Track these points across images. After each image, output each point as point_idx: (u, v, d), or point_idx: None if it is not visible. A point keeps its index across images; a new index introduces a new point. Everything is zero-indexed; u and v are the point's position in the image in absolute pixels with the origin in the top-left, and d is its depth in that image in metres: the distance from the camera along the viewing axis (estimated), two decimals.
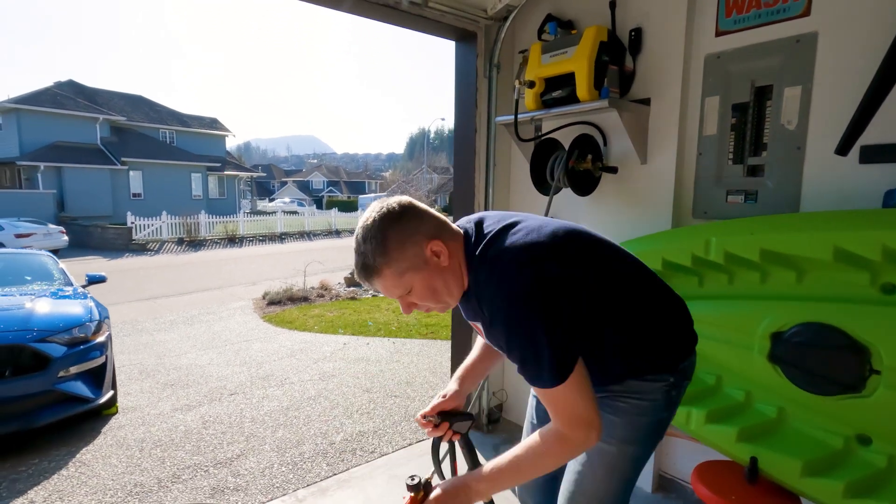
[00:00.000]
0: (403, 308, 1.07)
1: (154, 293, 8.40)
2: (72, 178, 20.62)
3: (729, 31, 1.85)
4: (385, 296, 1.11)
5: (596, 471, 1.14)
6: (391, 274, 1.00)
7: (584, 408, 0.94)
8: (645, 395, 1.12)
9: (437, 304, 1.07)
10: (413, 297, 1.05)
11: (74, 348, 3.03)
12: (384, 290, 1.03)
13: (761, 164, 1.82)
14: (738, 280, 1.68)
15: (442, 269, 1.03)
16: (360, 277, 1.03)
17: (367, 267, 1.00)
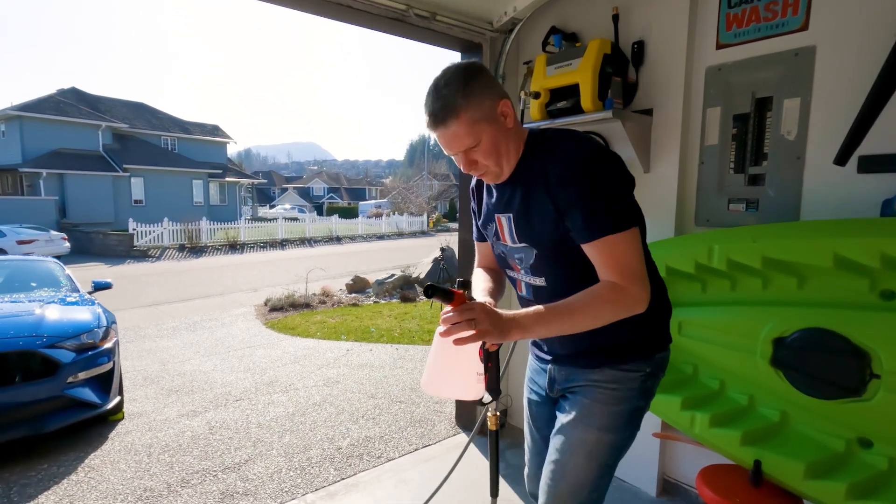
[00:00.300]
0: (465, 165, 1.10)
1: (156, 299, 8.42)
2: (74, 184, 20.70)
3: (729, 43, 1.90)
4: (448, 150, 1.07)
5: (577, 458, 1.18)
6: (467, 120, 1.02)
7: (641, 264, 1.05)
8: (621, 385, 1.19)
9: (496, 166, 1.11)
10: (478, 152, 1.08)
11: (83, 354, 3.06)
12: (454, 137, 1.05)
13: (762, 174, 1.86)
14: (741, 286, 1.72)
15: (507, 130, 1.10)
16: (435, 122, 1.04)
17: (447, 108, 1.02)
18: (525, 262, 1.19)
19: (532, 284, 1.22)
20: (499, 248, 1.28)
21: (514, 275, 1.28)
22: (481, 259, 1.43)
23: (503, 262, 1.30)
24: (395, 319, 6.50)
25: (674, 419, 1.81)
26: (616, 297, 1.03)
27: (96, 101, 25.22)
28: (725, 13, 1.90)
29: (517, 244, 1.18)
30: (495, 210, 1.22)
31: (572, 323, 1.04)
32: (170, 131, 26.92)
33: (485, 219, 1.30)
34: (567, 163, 1.05)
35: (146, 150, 24.45)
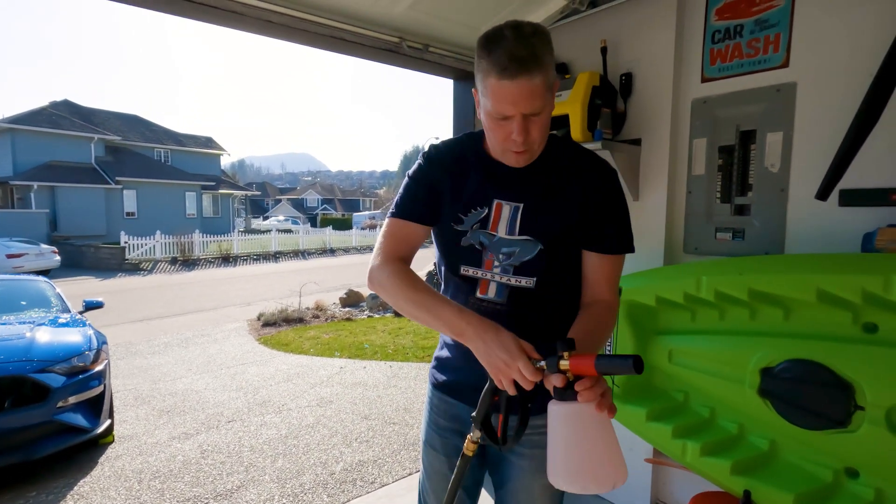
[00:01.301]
0: (520, 132, 0.96)
1: (148, 314, 8.36)
2: (65, 197, 20.58)
3: (714, 77, 1.96)
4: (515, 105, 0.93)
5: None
6: (545, 78, 0.93)
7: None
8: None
9: (539, 146, 1.03)
10: (537, 122, 0.97)
11: (73, 378, 3.04)
12: (533, 91, 0.92)
13: (748, 204, 1.91)
14: (729, 316, 1.75)
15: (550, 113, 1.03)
16: (518, 67, 0.90)
17: (536, 57, 0.90)
18: (515, 259, 1.07)
19: (510, 285, 1.08)
20: (474, 238, 1.09)
21: (476, 272, 1.10)
22: (403, 247, 1.11)
23: (468, 256, 1.10)
24: (389, 335, 6.49)
25: (665, 447, 1.83)
26: (613, 314, 1.09)
27: (90, 113, 25.18)
28: (710, 48, 1.96)
29: (515, 237, 1.07)
30: (494, 195, 1.08)
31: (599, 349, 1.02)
32: (163, 143, 26.89)
33: (465, 204, 1.10)
34: (606, 172, 1.09)
35: (139, 162, 24.38)
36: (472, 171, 1.11)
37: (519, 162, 1.04)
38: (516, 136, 0.96)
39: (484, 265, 1.09)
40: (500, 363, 0.88)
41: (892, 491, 1.41)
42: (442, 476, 1.23)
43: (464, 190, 1.10)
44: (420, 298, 1.01)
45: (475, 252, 1.10)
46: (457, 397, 1.19)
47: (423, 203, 1.11)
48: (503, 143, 1.00)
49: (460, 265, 1.12)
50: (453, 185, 1.11)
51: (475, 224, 1.09)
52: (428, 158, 1.14)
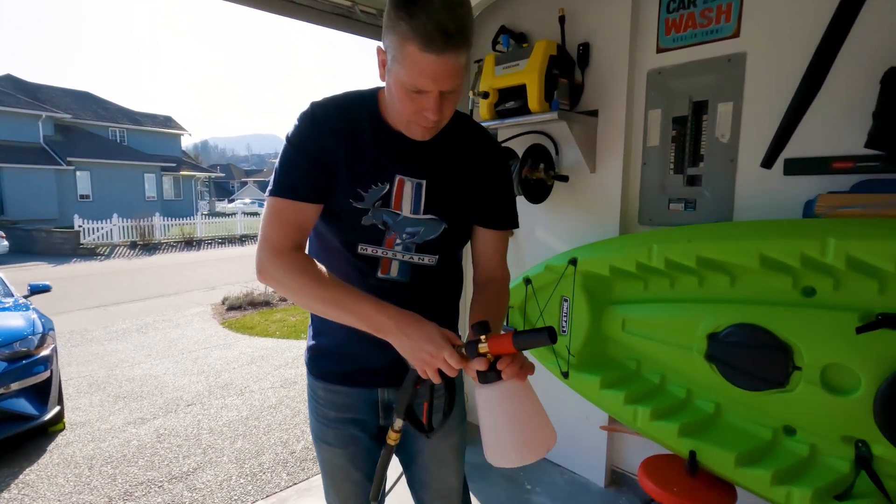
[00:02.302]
0: (434, 111, 0.90)
1: (105, 300, 8.03)
2: (12, 179, 19.40)
3: (668, 48, 1.96)
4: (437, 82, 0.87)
5: (454, 467, 1.23)
6: (467, 55, 0.89)
7: None
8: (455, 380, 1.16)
9: (447, 119, 0.97)
10: (449, 98, 0.93)
11: (16, 363, 2.89)
12: (456, 69, 0.87)
13: (699, 175, 1.93)
14: (679, 284, 1.78)
15: None
16: (446, 43, 0.82)
17: (464, 32, 0.84)
18: (419, 237, 1.03)
19: (412, 263, 1.05)
20: (376, 217, 1.00)
21: (376, 251, 1.03)
22: (296, 232, 0.97)
23: (365, 236, 1.01)
24: None
25: (618, 413, 1.87)
26: (508, 291, 1.17)
27: (36, 89, 23.68)
28: (665, 18, 1.95)
29: (420, 216, 1.02)
30: (397, 170, 1.00)
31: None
32: (118, 122, 25.59)
33: (365, 178, 0.99)
34: (502, 151, 1.16)
35: (92, 142, 23.15)
36: (368, 140, 0.99)
37: (424, 136, 0.98)
38: (430, 113, 0.90)
39: (385, 243, 1.02)
40: (425, 356, 0.86)
41: (824, 445, 1.48)
42: (340, 469, 1.15)
43: (361, 161, 0.98)
44: (331, 296, 0.92)
45: (377, 231, 1.01)
46: (347, 384, 1.12)
47: (313, 178, 0.96)
48: (411, 115, 0.93)
49: (359, 244, 1.02)
50: (347, 154, 0.98)
51: (377, 202, 1.00)
52: (313, 121, 0.97)
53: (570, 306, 2.01)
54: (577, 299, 2.00)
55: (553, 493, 2.27)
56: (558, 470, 2.44)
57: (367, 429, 1.14)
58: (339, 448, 1.14)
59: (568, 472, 2.43)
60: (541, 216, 2.38)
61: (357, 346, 1.06)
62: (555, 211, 2.34)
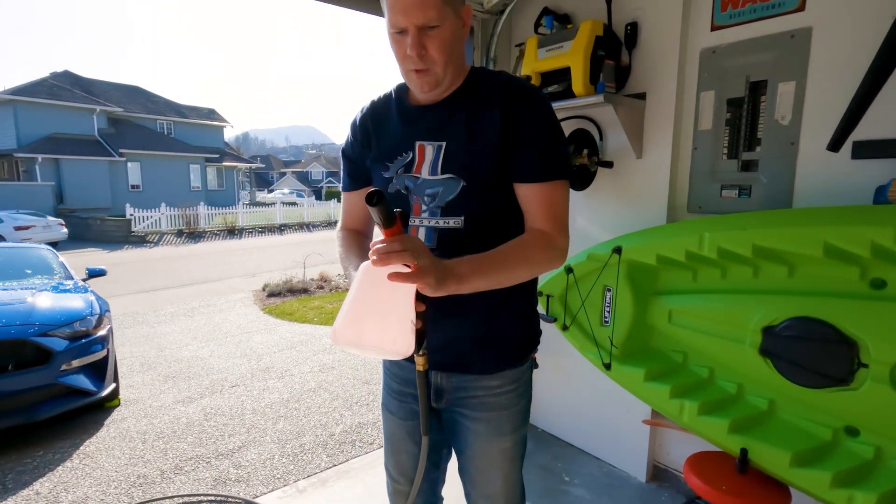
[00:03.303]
0: (413, 46, 0.93)
1: (154, 285, 8.43)
2: (70, 169, 20.57)
3: (724, 25, 1.85)
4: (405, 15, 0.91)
5: (503, 470, 1.16)
6: None
7: (567, 218, 1.04)
8: (518, 382, 1.15)
9: (441, 67, 0.98)
10: (433, 38, 0.94)
11: (76, 342, 3.06)
12: (420, 2, 0.90)
13: (755, 160, 1.83)
14: (731, 275, 1.70)
15: (462, 38, 1.02)
16: None
17: None
18: (440, 199, 1.03)
19: (438, 228, 1.04)
20: (399, 183, 1.07)
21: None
22: (350, 217, 1.20)
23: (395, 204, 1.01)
24: None
25: (663, 407, 1.81)
26: (547, 244, 0.98)
27: (90, 84, 24.91)
28: None
29: (437, 176, 1.03)
30: (416, 137, 1.06)
31: (508, 273, 0.94)
32: (165, 115, 26.64)
33: (389, 152, 1.09)
34: (532, 96, 1.02)
35: (142, 134, 24.23)
36: (394, 120, 1.10)
37: (423, 87, 1.00)
38: (410, 50, 0.94)
39: (412, 211, 1.07)
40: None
41: (892, 448, 1.38)
42: (400, 440, 1.22)
43: (387, 140, 1.10)
44: (343, 256, 1.11)
45: (402, 198, 1.07)
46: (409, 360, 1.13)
47: (353, 173, 1.18)
48: (403, 62, 0.98)
49: None
50: (376, 140, 1.12)
51: (400, 169, 1.08)
52: (352, 126, 1.17)
53: (614, 296, 1.96)
54: (621, 289, 1.94)
55: (591, 486, 2.24)
56: (596, 462, 2.40)
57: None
58: (399, 419, 1.21)
59: (607, 464, 2.38)
60: (583, 203, 2.32)
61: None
62: (598, 198, 2.27)
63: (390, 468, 1.28)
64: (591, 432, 2.46)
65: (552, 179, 1.00)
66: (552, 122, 1.02)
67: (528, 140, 1.00)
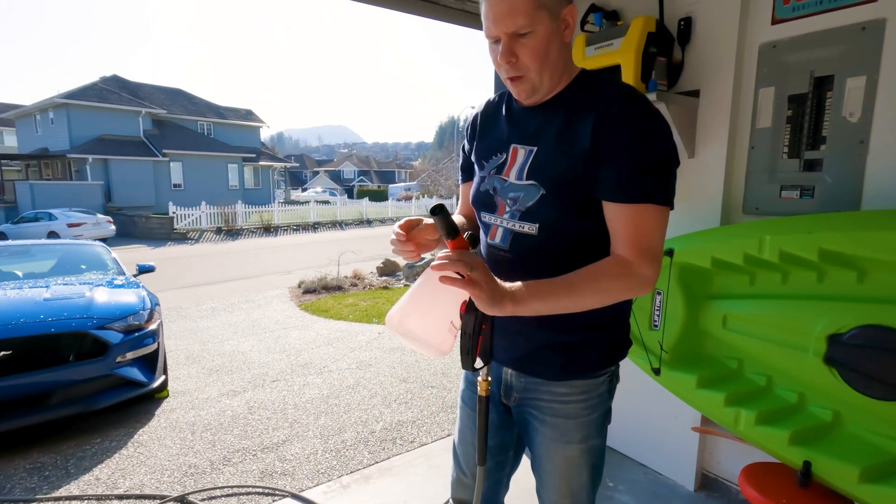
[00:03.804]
0: (504, 54, 0.93)
1: (196, 281, 8.74)
2: (117, 169, 21.55)
3: (786, 18, 1.77)
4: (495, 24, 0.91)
5: (567, 477, 1.14)
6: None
7: (661, 246, 0.95)
8: (591, 393, 1.10)
9: (536, 74, 0.95)
10: (525, 45, 0.91)
11: (130, 335, 3.20)
12: (511, 6, 0.88)
13: (819, 159, 1.74)
14: (793, 279, 1.63)
15: (562, 41, 0.96)
16: None
17: None
18: (519, 204, 1.02)
19: (513, 231, 1.04)
20: (490, 183, 1.09)
21: (490, 219, 1.10)
22: (464, 206, 1.28)
23: (484, 201, 1.11)
24: None
25: (716, 415, 1.75)
26: (625, 273, 0.91)
27: (136, 87, 26.00)
28: None
29: (522, 181, 1.02)
30: (512, 140, 1.06)
31: (573, 300, 0.90)
32: (205, 116, 27.57)
33: (487, 150, 1.12)
34: (633, 107, 0.92)
35: (184, 135, 25.15)
36: (501, 120, 1.12)
37: (519, 94, 1.01)
38: (500, 58, 0.94)
39: (497, 210, 1.08)
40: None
41: None
42: (468, 431, 1.25)
43: (489, 138, 1.13)
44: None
45: (490, 198, 1.10)
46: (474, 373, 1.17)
47: (465, 166, 1.24)
48: (498, 70, 0.98)
49: (482, 211, 1.14)
50: (482, 135, 1.16)
51: (493, 170, 1.10)
52: (472, 119, 1.21)
53: (664, 300, 1.90)
54: (672, 292, 1.89)
55: (636, 493, 2.19)
56: (642, 469, 2.35)
57: (493, 401, 1.18)
58: (470, 409, 1.22)
59: (652, 472, 2.32)
60: None
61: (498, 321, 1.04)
62: None
63: (458, 455, 1.29)
64: (636, 438, 2.41)
65: (641, 202, 0.91)
66: (654, 137, 0.92)
67: (617, 155, 0.91)
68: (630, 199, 0.91)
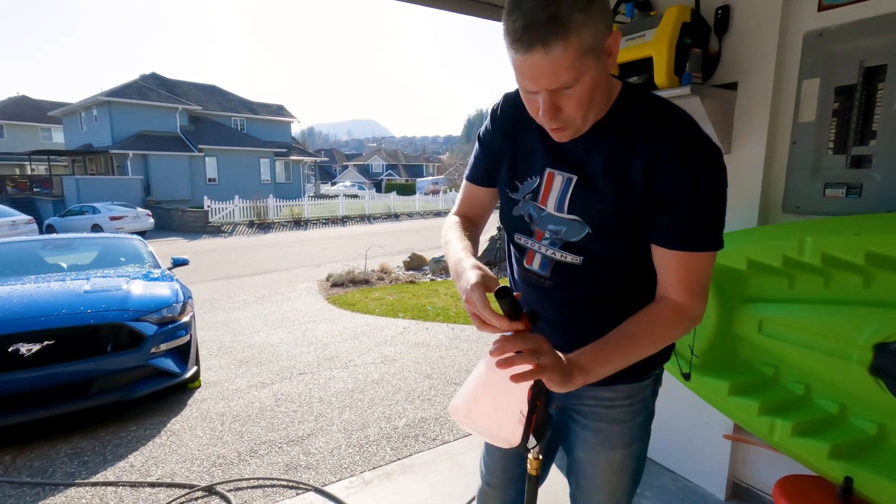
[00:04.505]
0: (546, 110, 0.81)
1: (229, 273, 8.99)
2: (156, 164, 22.34)
3: (834, 4, 1.66)
4: (533, 83, 0.79)
5: (608, 482, 1.11)
6: (576, 46, 0.73)
7: (707, 284, 0.92)
8: (635, 398, 1.08)
9: (582, 120, 0.85)
10: (570, 96, 0.79)
11: (164, 327, 3.31)
12: (553, 68, 0.75)
13: (868, 155, 1.63)
14: (836, 283, 1.53)
15: (607, 74, 0.84)
16: (531, 39, 0.72)
17: (558, 23, 0.71)
18: (562, 236, 0.95)
19: (555, 259, 0.98)
20: (524, 209, 1.00)
21: (527, 242, 1.02)
22: (465, 206, 1.14)
23: (517, 225, 1.03)
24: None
25: (750, 424, 1.68)
26: (680, 319, 0.89)
27: (174, 84, 26.84)
28: None
29: (563, 215, 0.94)
30: (548, 163, 0.95)
31: (637, 355, 0.89)
32: (238, 112, 28.24)
33: (518, 171, 1.00)
34: (690, 151, 0.83)
35: (218, 130, 25.83)
36: (530, 133, 0.98)
37: (561, 139, 0.89)
38: (542, 114, 0.82)
39: (535, 235, 1.01)
40: (461, 294, 0.86)
41: None
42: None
43: (521, 155, 1.00)
44: (447, 240, 1.04)
45: (525, 225, 1.02)
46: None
47: (482, 166, 1.09)
48: (536, 118, 0.86)
49: (514, 233, 1.06)
50: (513, 148, 1.02)
51: (528, 194, 1.00)
52: (492, 116, 1.06)
53: None
54: None
55: (664, 499, 2.13)
56: (670, 475, 2.28)
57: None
58: None
59: (681, 478, 2.25)
60: None
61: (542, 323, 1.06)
62: None
63: (483, 468, 1.27)
64: (665, 442, 2.34)
65: (696, 251, 0.86)
66: (713, 182, 0.85)
67: (674, 202, 0.85)
68: (685, 248, 0.87)
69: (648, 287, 0.96)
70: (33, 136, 30.02)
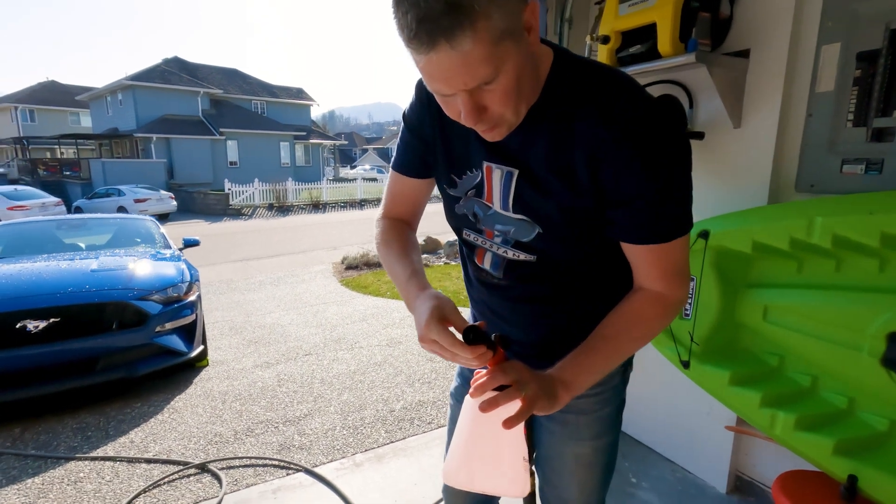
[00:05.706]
0: (469, 115, 0.68)
1: (247, 255, 9.10)
2: (179, 148, 22.72)
3: None
4: (444, 85, 0.65)
5: (578, 476, 1.05)
6: (486, 30, 0.59)
7: (687, 266, 0.83)
8: (605, 386, 1.01)
9: (514, 115, 0.71)
10: (493, 92, 0.66)
11: (169, 306, 3.34)
12: (462, 65, 0.61)
13: (891, 127, 1.48)
14: (848, 268, 1.41)
15: (531, 53, 0.69)
16: (429, 35, 0.58)
17: (456, 6, 0.57)
18: (512, 236, 0.86)
19: (507, 258, 0.90)
20: (468, 207, 0.90)
21: (477, 239, 0.93)
22: (397, 203, 1.01)
23: (462, 224, 0.94)
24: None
25: (750, 416, 1.58)
26: (663, 309, 0.81)
27: (195, 68, 27.10)
28: None
29: (509, 213, 0.84)
30: (485, 156, 0.83)
31: (621, 356, 0.82)
32: (259, 95, 28.41)
33: (454, 161, 0.88)
34: (638, 136, 0.71)
35: (239, 114, 26.07)
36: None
37: (495, 138, 0.76)
38: (465, 117, 0.68)
39: (485, 233, 0.91)
40: (419, 332, 0.76)
41: None
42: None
43: (456, 145, 0.87)
44: (386, 261, 0.95)
45: (471, 224, 0.93)
46: None
47: (414, 153, 0.93)
48: (460, 121, 0.71)
49: (462, 229, 0.95)
50: (441, 135, 0.88)
51: (469, 191, 0.88)
52: (418, 91, 0.89)
53: (697, 286, 1.72)
54: (706, 279, 1.70)
55: (662, 491, 2.05)
56: (669, 466, 2.19)
57: None
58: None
59: (681, 469, 2.17)
60: None
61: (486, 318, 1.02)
62: None
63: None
64: (663, 432, 2.25)
65: (663, 242, 0.77)
66: (669, 165, 0.73)
67: (630, 197, 0.74)
68: (653, 242, 0.77)
69: (618, 274, 0.88)
70: (62, 121, 30.87)
